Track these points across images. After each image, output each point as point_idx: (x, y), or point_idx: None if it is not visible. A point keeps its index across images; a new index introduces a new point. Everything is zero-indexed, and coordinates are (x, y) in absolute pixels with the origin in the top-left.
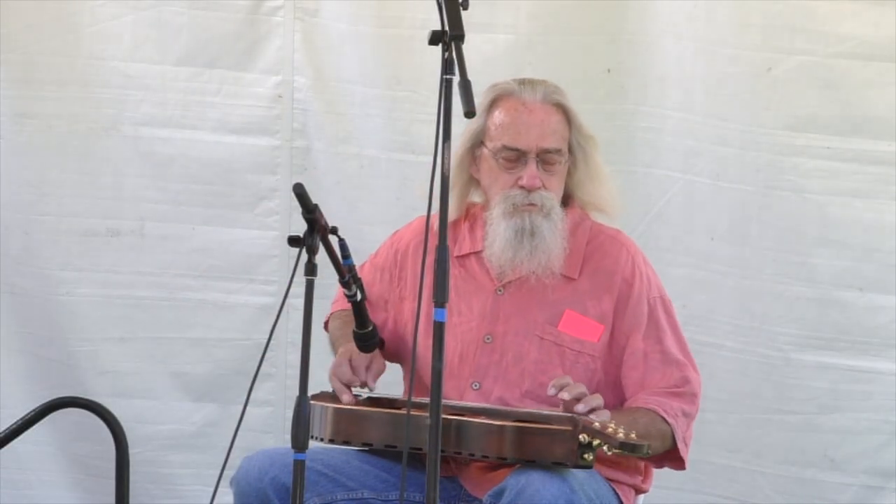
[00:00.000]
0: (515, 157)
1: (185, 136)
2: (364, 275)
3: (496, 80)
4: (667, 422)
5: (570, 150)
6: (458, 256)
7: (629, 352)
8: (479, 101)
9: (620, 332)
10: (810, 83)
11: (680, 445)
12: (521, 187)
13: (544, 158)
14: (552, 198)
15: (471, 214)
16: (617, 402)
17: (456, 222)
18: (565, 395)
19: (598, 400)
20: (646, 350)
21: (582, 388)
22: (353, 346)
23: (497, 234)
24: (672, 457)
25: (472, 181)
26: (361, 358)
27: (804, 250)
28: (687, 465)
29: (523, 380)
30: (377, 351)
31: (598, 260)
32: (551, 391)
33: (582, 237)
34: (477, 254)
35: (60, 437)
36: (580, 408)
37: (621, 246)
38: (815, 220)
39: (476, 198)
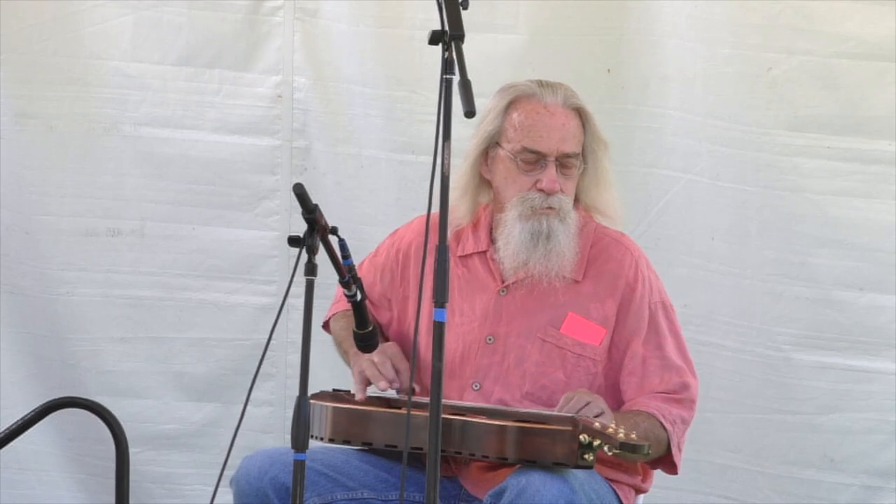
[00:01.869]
0: (535, 160)
1: (186, 136)
2: (363, 274)
3: (512, 81)
4: (664, 428)
5: (583, 153)
6: (461, 256)
7: (629, 356)
8: (494, 100)
9: (621, 336)
10: (810, 83)
11: (675, 452)
12: (540, 190)
13: (563, 162)
14: (569, 201)
15: (474, 214)
16: (616, 406)
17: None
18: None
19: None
20: (645, 355)
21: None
22: (388, 350)
23: (512, 235)
24: (665, 461)
25: (483, 183)
26: (402, 363)
27: (804, 250)
28: (679, 471)
29: (524, 381)
30: (399, 353)
31: (602, 263)
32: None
33: (586, 239)
34: (480, 254)
35: (60, 437)
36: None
37: (625, 250)
38: (815, 219)
39: (482, 198)
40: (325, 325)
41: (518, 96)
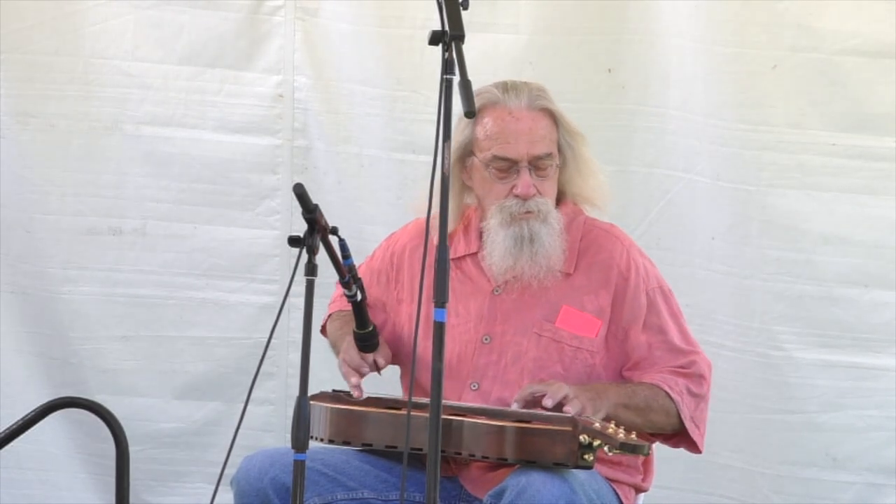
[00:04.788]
0: (507, 167)
1: (187, 135)
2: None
3: (479, 88)
4: (671, 397)
5: (559, 150)
6: (453, 259)
7: (631, 346)
8: None
9: (618, 325)
10: (815, 80)
11: (689, 425)
12: (517, 196)
13: (536, 165)
14: (547, 202)
15: (465, 217)
16: None
17: None
18: (527, 393)
19: (563, 391)
20: (650, 342)
21: (544, 385)
22: None
23: (496, 243)
24: (686, 439)
25: (465, 188)
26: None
27: (807, 248)
28: (702, 447)
29: (522, 378)
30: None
31: (592, 254)
32: (515, 406)
33: (576, 232)
34: (472, 255)
35: (60, 436)
36: (547, 403)
37: (615, 239)
38: (818, 217)
39: (468, 200)
40: (323, 330)
41: (484, 105)
